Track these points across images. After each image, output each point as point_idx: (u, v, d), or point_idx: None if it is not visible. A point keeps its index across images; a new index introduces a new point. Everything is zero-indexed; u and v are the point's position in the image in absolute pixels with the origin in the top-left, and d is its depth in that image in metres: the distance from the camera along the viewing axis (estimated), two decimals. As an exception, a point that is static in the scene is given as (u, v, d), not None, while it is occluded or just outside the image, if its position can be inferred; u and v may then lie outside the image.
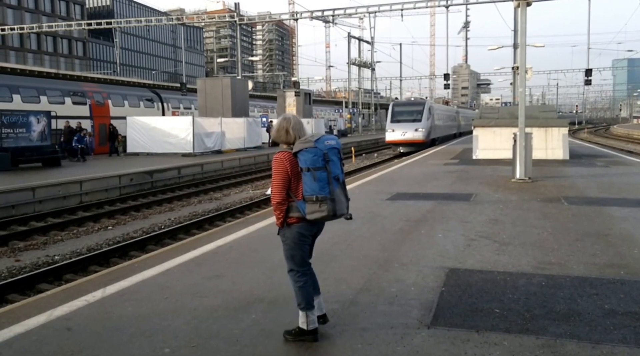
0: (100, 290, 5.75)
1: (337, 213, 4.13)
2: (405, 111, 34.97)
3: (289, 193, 4.18)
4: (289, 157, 4.16)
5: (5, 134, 21.79)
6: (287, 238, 4.29)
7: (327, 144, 4.12)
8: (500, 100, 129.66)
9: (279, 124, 4.29)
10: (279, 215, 4.23)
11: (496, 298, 5.24)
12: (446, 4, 39.91)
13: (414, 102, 38.20)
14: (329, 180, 4.06)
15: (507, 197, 11.89)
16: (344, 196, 4.21)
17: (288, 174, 4.15)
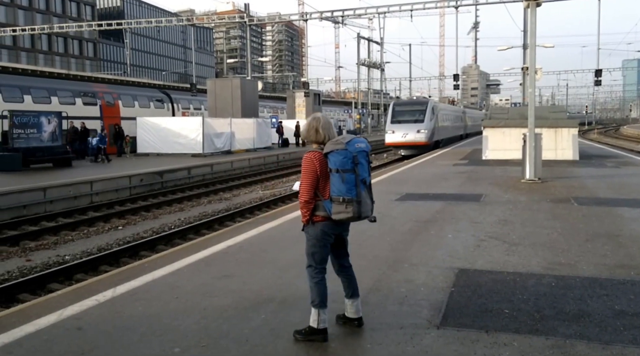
0: (111, 290, 5.79)
1: (362, 214, 4.20)
2: (406, 111, 32.59)
3: (316, 191, 4.25)
4: (319, 158, 4.24)
5: (16, 135, 21.97)
6: (311, 235, 4.36)
7: (357, 147, 4.19)
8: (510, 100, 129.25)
9: (308, 123, 4.39)
10: (306, 213, 4.31)
11: (506, 298, 5.23)
12: (455, 4, 39.82)
13: (416, 102, 36.02)
14: (356, 182, 4.13)
15: (517, 197, 11.85)
16: (369, 199, 4.28)
17: (317, 174, 4.22)
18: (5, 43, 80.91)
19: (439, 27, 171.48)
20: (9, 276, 9.12)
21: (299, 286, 5.73)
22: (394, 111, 32.87)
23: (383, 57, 60.75)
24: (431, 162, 22.00)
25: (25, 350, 4.33)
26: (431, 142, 31.60)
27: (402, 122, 31.25)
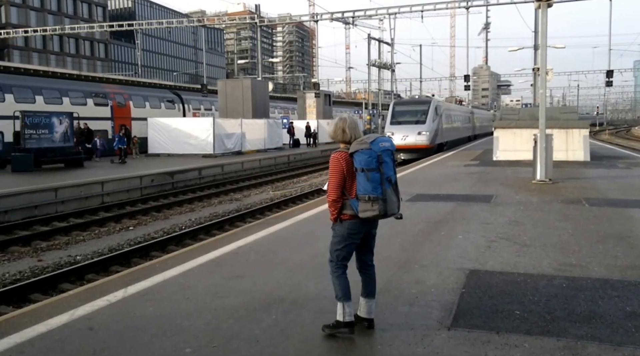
0: (122, 290, 5.82)
1: (387, 212, 4.29)
2: (407, 111, 30.06)
3: (343, 190, 4.35)
4: (345, 157, 4.33)
5: (28, 135, 22.13)
6: (337, 233, 4.44)
7: (382, 146, 4.26)
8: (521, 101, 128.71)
9: (335, 124, 4.48)
10: (333, 211, 4.41)
11: (517, 299, 5.22)
12: (466, 5, 39.70)
13: (417, 101, 32.53)
14: (381, 181, 4.21)
15: (528, 198, 11.80)
16: (395, 196, 4.36)
17: (343, 173, 4.32)
18: (17, 44, 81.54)
19: (450, 27, 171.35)
20: (21, 276, 9.19)
21: (309, 287, 5.75)
22: (393, 110, 30.51)
23: (394, 58, 60.65)
24: (442, 163, 21.95)
25: (37, 350, 4.36)
26: (434, 145, 29.37)
27: (402, 123, 28.92)
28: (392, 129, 28.99)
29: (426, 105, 30.02)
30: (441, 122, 31.16)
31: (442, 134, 31.34)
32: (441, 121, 31.17)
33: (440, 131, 30.68)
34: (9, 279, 9.00)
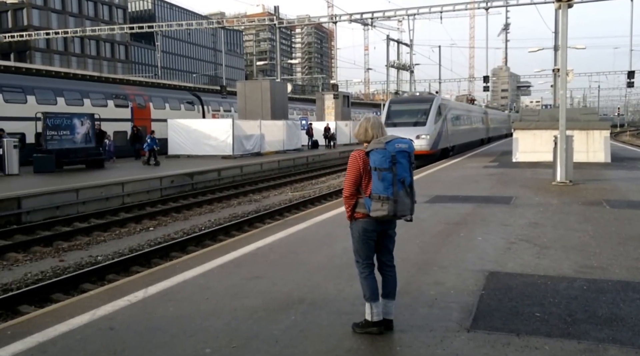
0: (142, 290, 5.88)
1: (397, 213, 4.29)
2: (405, 111, 26.24)
3: (359, 189, 4.41)
4: (362, 156, 4.40)
5: (49, 136, 22.43)
6: (354, 231, 4.50)
7: (398, 147, 4.31)
8: (541, 102, 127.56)
9: (360, 123, 4.57)
10: (347, 209, 4.50)
11: (537, 301, 5.18)
12: (486, 5, 39.45)
13: (418, 99, 28.42)
14: (393, 181, 4.23)
15: (548, 200, 11.70)
16: (409, 198, 4.35)
17: (360, 171, 4.38)
18: (39, 46, 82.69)
19: (469, 28, 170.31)
20: (43, 276, 9.31)
21: (328, 288, 5.76)
22: (389, 110, 26.53)
23: (412, 59, 60.42)
24: (461, 164, 21.84)
25: (59, 349, 4.42)
26: (437, 150, 25.81)
27: (398, 125, 24.85)
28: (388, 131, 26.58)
29: (427, 104, 26.27)
30: (446, 124, 27.74)
31: (447, 138, 27.86)
32: (446, 123, 27.75)
33: (444, 134, 27.22)
34: (31, 279, 9.11)
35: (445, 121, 27.39)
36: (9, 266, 10.21)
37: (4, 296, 8.00)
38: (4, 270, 9.94)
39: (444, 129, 27.13)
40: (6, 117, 24.29)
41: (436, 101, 26.54)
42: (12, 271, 9.84)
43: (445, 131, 27.26)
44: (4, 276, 9.51)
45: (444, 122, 27.16)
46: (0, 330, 4.91)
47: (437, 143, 25.64)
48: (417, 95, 31.51)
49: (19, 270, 9.87)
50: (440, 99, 28.33)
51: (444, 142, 27.07)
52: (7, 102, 25.55)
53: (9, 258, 10.70)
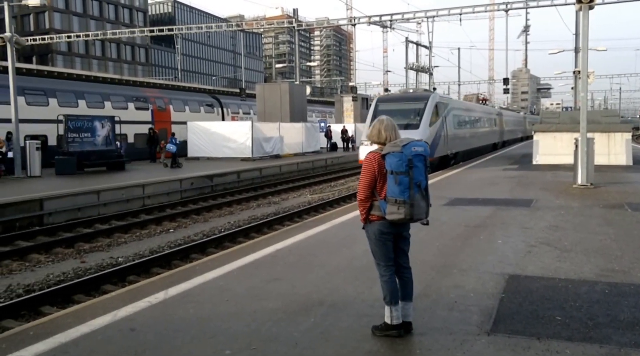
0: (163, 292, 5.93)
1: (413, 217, 4.28)
2: (395, 111, 21.35)
3: (373, 191, 4.39)
4: (378, 159, 4.38)
5: (71, 139, 22.73)
6: (370, 234, 4.50)
7: (414, 150, 4.28)
8: (561, 105, 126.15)
9: (373, 125, 4.55)
10: (362, 211, 4.48)
11: (558, 305, 5.14)
12: (505, 7, 39.13)
13: (410, 97, 24.22)
14: (410, 185, 4.22)
15: (569, 203, 11.59)
16: (424, 202, 4.33)
17: (375, 174, 4.36)
18: (60, 49, 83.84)
19: (489, 30, 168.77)
20: (65, 277, 9.43)
21: (348, 291, 5.76)
22: (376, 110, 22.07)
23: (431, 61, 60.19)
24: (480, 167, 21.70)
25: (81, 350, 4.48)
26: (433, 158, 21.26)
27: None
28: None
29: (421, 102, 22.08)
30: (446, 127, 23.52)
31: (446, 143, 23.69)
32: (446, 125, 23.52)
33: (443, 139, 23.19)
34: (53, 280, 9.23)
35: (444, 123, 23.40)
36: (31, 267, 10.36)
37: (26, 296, 8.11)
38: (26, 271, 10.09)
39: (443, 132, 23.19)
40: (29, 120, 24.63)
41: (432, 99, 22.31)
42: (34, 272, 9.98)
43: (444, 135, 23.29)
44: (27, 277, 9.65)
45: (443, 125, 23.13)
46: (23, 331, 4.98)
47: (433, 150, 21.00)
48: (410, 92, 26.80)
49: (41, 271, 10.02)
50: (438, 97, 23.88)
51: (442, 149, 23.07)
52: (29, 105, 25.93)
53: (31, 259, 10.86)
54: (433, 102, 22.10)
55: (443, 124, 23.06)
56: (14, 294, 8.47)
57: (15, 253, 11.12)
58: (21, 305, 7.73)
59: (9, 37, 22.39)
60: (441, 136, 22.79)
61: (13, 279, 9.47)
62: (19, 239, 12.54)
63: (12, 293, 8.58)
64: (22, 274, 9.90)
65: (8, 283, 9.19)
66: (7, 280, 9.45)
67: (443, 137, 23.13)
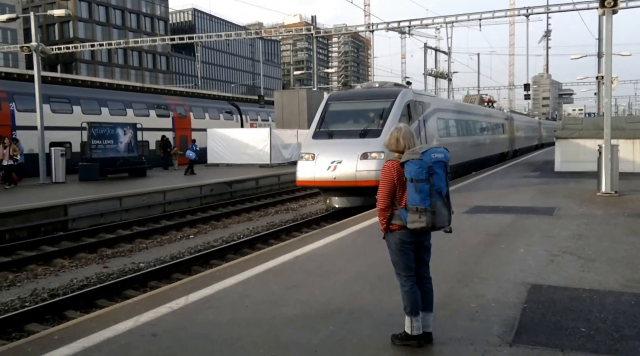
0: (184, 297, 5.96)
1: (436, 225, 4.22)
2: (350, 113, 16.87)
3: (393, 200, 4.34)
4: (397, 167, 4.33)
5: (94, 145, 23.03)
6: (390, 244, 4.44)
7: (434, 157, 4.22)
8: (584, 110, 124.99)
9: (391, 133, 4.50)
10: (382, 221, 4.41)
11: (582, 316, 5.06)
12: (526, 12, 38.86)
13: (373, 93, 17.65)
14: (431, 192, 4.16)
15: (592, 211, 11.43)
16: (446, 209, 4.28)
17: (394, 183, 4.31)
18: (84, 57, 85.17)
19: (509, 35, 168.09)
20: (88, 282, 9.53)
21: (366, 298, 5.74)
22: (326, 111, 16.89)
23: (450, 67, 59.95)
24: (502, 174, 21.50)
25: (104, 354, 4.52)
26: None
27: (336, 135, 15.67)
28: (315, 147, 15.46)
29: (387, 101, 16.17)
30: (425, 133, 17.52)
31: None
32: (425, 131, 17.59)
33: None
34: (76, 285, 9.35)
35: (423, 128, 17.33)
36: (55, 271, 10.52)
37: (51, 301, 8.23)
38: (51, 276, 10.24)
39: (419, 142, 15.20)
40: (53, 127, 24.99)
41: (403, 97, 16.21)
42: (58, 277, 10.12)
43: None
44: (52, 281, 9.79)
45: (420, 131, 17.05)
46: (48, 335, 5.04)
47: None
48: (375, 87, 18.61)
49: (65, 276, 10.15)
50: (412, 94, 17.26)
51: None
52: (54, 113, 26.33)
53: (55, 264, 11.02)
54: (403, 100, 16.13)
55: (420, 130, 16.93)
56: (39, 299, 8.59)
57: (41, 258, 11.31)
58: (46, 309, 7.83)
59: (35, 46, 22.93)
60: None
61: (38, 284, 9.60)
62: (44, 244, 12.74)
63: (37, 297, 8.70)
64: (47, 278, 10.05)
65: (33, 287, 9.32)
66: (32, 284, 9.59)
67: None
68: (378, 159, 14.14)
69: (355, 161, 14.24)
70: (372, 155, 14.31)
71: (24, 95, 25.03)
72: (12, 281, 9.78)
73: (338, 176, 14.32)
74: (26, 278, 10.02)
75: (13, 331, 7.15)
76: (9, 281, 9.80)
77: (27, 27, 33.24)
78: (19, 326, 7.30)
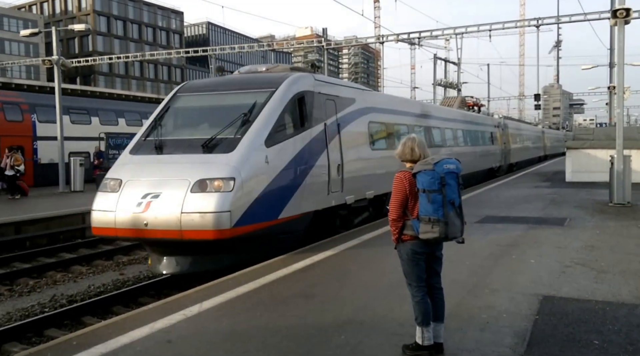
0: (197, 305, 6.02)
1: (448, 235, 4.26)
2: (204, 111, 10.42)
3: (405, 210, 4.36)
4: (409, 177, 4.36)
5: (111, 155, 23.43)
6: (402, 254, 4.46)
7: (446, 168, 4.25)
8: (595, 121, 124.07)
9: (404, 143, 4.53)
10: (394, 231, 4.43)
11: (595, 328, 5.05)
12: (537, 23, 38.74)
13: (245, 81, 10.92)
14: (443, 203, 4.20)
15: (605, 222, 11.38)
16: (459, 220, 4.31)
17: (406, 193, 4.34)
18: (102, 70, 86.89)
19: (519, 46, 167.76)
20: (105, 289, 9.64)
21: (378, 308, 5.76)
22: (166, 109, 10.50)
23: (460, 78, 59.86)
24: (512, 184, 21.42)
25: (120, 361, 4.58)
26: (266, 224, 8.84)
27: (168, 147, 9.41)
28: (128, 167, 9.55)
29: (264, 92, 9.93)
30: (339, 147, 11.07)
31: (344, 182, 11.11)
32: (339, 143, 11.12)
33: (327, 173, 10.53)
34: (94, 291, 9.46)
35: (331, 138, 10.80)
36: (74, 278, 10.68)
37: (69, 306, 8.36)
38: (69, 282, 10.40)
39: (325, 159, 10.48)
40: (73, 137, 25.50)
41: (290, 86, 10.14)
42: (77, 283, 10.27)
43: (331, 165, 10.60)
44: (70, 287, 9.93)
45: (325, 142, 10.58)
46: (67, 340, 5.13)
47: (280, 202, 9.19)
48: (259, 71, 12.05)
49: (83, 282, 10.30)
50: (311, 82, 10.83)
51: (322, 199, 10.45)
52: (73, 123, 26.78)
53: (74, 271, 11.20)
54: (291, 91, 10.03)
55: (327, 140, 10.55)
56: (58, 304, 8.72)
57: (60, 265, 11.52)
58: (64, 315, 7.95)
59: (56, 59, 23.54)
60: (314, 168, 10.02)
61: (57, 290, 9.75)
62: (63, 251, 12.95)
63: (56, 302, 8.83)
64: (66, 285, 10.19)
65: (53, 293, 9.47)
66: (51, 290, 9.73)
67: (324, 168, 10.34)
68: (224, 193, 7.98)
69: (183, 194, 8.00)
70: (214, 184, 8.10)
71: (45, 106, 25.67)
72: (32, 287, 9.95)
73: (152, 221, 7.95)
74: (46, 284, 10.18)
75: (33, 336, 7.25)
76: (29, 287, 9.97)
77: (49, 41, 33.68)
78: (39, 331, 7.41)
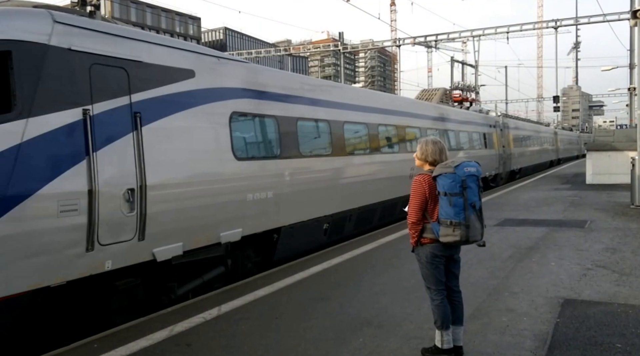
0: (216, 308, 6.02)
1: (470, 238, 4.20)
2: None
3: (424, 214, 4.32)
4: (428, 180, 4.32)
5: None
6: (421, 257, 4.41)
7: (467, 171, 4.21)
8: (615, 122, 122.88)
9: (422, 146, 4.49)
10: (413, 234, 4.39)
11: (617, 331, 4.97)
12: (555, 24, 38.50)
13: None
14: (464, 206, 4.15)
15: (626, 224, 11.21)
16: (479, 223, 4.25)
17: (425, 196, 4.30)
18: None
19: (537, 48, 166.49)
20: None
21: (395, 311, 5.72)
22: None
23: (477, 80, 59.59)
24: (531, 186, 21.23)
25: (140, 364, 4.59)
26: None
27: None
28: None
29: None
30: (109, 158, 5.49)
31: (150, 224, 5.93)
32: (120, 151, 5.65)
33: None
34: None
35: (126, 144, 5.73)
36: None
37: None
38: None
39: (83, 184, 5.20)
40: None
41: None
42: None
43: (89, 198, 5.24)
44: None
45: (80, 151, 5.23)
46: (88, 343, 5.14)
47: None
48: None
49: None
50: (51, 23, 5.16)
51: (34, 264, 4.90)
52: None
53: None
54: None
55: (86, 145, 5.31)
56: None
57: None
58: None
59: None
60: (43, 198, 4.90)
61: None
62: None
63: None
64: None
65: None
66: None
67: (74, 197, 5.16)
68: None
69: None
70: None
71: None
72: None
73: None
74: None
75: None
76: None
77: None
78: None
